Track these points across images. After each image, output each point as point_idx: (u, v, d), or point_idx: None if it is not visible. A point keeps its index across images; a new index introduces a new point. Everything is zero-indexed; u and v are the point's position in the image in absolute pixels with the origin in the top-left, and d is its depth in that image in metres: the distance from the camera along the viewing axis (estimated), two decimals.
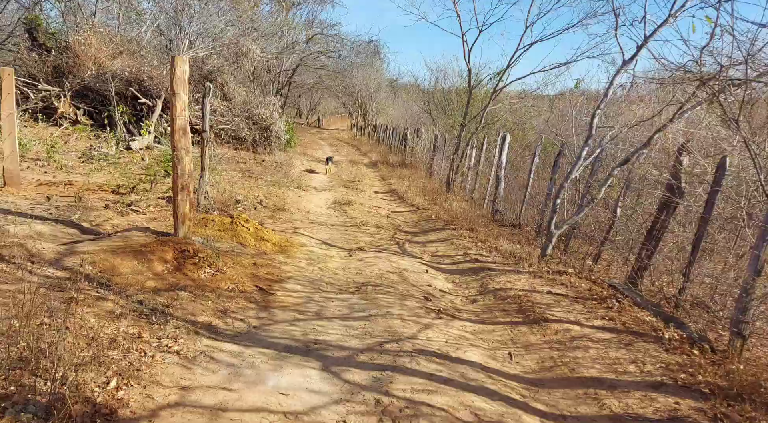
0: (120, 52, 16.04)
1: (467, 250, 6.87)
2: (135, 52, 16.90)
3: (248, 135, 17.08)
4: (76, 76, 14.66)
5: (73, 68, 14.83)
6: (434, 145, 15.78)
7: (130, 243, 4.95)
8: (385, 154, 23.99)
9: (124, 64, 14.84)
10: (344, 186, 13.48)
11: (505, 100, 13.99)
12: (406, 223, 9.07)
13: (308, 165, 17.98)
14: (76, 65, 14.82)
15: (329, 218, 8.68)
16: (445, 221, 8.88)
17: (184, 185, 5.38)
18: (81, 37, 15.23)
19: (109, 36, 16.14)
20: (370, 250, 6.69)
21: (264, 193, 9.83)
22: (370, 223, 8.52)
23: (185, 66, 5.30)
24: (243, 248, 5.78)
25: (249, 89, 19.35)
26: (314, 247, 6.56)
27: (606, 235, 6.01)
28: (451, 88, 20.17)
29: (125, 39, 17.71)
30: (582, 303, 4.78)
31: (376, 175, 16.97)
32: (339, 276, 5.44)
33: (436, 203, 10.99)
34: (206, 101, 7.02)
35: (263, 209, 8.39)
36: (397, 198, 12.33)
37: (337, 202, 10.41)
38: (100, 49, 15.15)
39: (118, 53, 15.86)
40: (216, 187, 8.94)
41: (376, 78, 37.27)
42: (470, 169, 12.28)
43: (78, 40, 15.14)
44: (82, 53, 15.10)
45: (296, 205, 9.37)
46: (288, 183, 11.95)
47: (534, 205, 8.79)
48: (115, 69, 14.56)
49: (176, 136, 5.27)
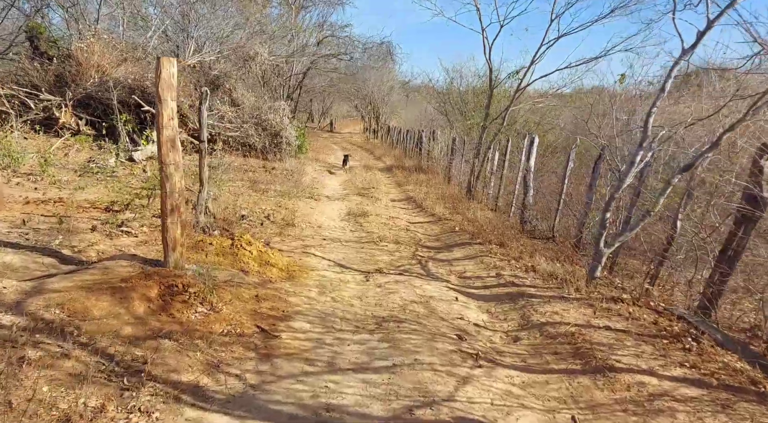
0: (124, 58, 15.51)
1: (500, 270, 6.03)
2: (141, 58, 16.38)
3: (257, 142, 16.44)
4: (78, 85, 14.17)
5: (76, 77, 14.33)
6: (452, 148, 14.94)
7: (109, 276, 4.22)
8: (400, 158, 23.20)
9: (128, 72, 14.28)
10: (358, 194, 12.72)
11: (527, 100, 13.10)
12: (427, 236, 8.26)
13: (321, 171, 17.27)
14: (79, 73, 14.31)
15: (343, 233, 7.90)
16: (471, 234, 8.05)
17: (175, 206, 4.65)
18: (84, 45, 14.75)
19: (113, 43, 15.63)
20: (390, 273, 5.89)
21: (272, 206, 9.10)
22: (387, 237, 7.73)
23: (173, 68, 4.57)
24: (244, 276, 5.02)
25: (258, 94, 18.74)
26: (326, 270, 5.79)
27: (664, 253, 5.14)
28: (467, 88, 19.32)
29: (130, 45, 17.22)
30: (651, 342, 3.92)
31: (392, 181, 16.18)
32: (355, 308, 4.65)
33: (458, 212, 10.15)
34: (203, 108, 6.30)
35: (270, 225, 7.65)
36: (415, 206, 11.52)
37: (351, 213, 9.64)
38: (103, 57, 14.62)
39: (122, 60, 15.33)
40: (219, 201, 8.23)
41: (389, 80, 36.52)
42: (493, 174, 11.42)
43: (80, 48, 14.63)
44: (85, 61, 14.57)
45: (307, 219, 8.62)
46: (299, 193, 11.22)
47: (568, 214, 7.92)
48: (118, 76, 14.01)
49: (164, 150, 4.54)
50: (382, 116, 39.01)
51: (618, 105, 7.37)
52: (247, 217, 7.66)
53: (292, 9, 24.44)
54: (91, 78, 14.23)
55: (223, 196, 9.02)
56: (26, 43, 15.66)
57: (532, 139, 8.72)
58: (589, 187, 6.76)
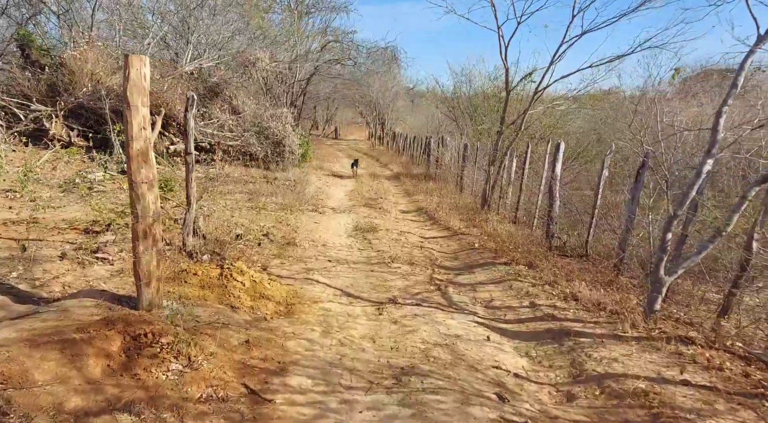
0: (120, 66, 14.86)
1: (534, 299, 5.18)
2: None
3: (259, 151, 15.71)
4: (70, 94, 13.52)
5: (69, 86, 13.69)
6: (463, 155, 14.12)
7: (65, 324, 3.41)
8: (407, 166, 22.41)
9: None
10: (366, 205, 11.91)
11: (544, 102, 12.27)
12: (443, 254, 7.42)
13: (326, 180, 16.50)
14: (72, 82, 13.65)
15: (350, 252, 7.08)
16: (493, 251, 7.21)
17: (148, 232, 3.85)
18: (77, 52, 14.11)
19: (108, 50, 15.00)
20: (406, 302, 5.06)
21: (272, 222, 8.30)
22: (400, 257, 6.90)
23: (144, 68, 3.79)
24: (234, 313, 4.21)
25: (259, 101, 18.04)
26: (332, 300, 4.96)
27: (737, 281, 4.27)
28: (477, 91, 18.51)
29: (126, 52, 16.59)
30: (750, 406, 3.06)
31: (400, 190, 15.37)
32: (367, 354, 3.81)
33: (474, 225, 9.31)
34: (189, 115, 5.53)
35: (269, 245, 6.84)
36: (427, 218, 10.69)
37: (358, 228, 8.83)
38: (97, 65, 13.96)
39: (117, 68, 14.68)
40: (213, 218, 7.45)
41: (394, 85, 35.84)
42: (511, 183, 10.58)
43: (73, 56, 13.99)
44: (78, 69, 13.90)
45: (311, 236, 7.81)
46: (301, 205, 10.43)
47: (604, 228, 7.06)
48: (112, 85, 13.33)
49: (133, 166, 3.75)
50: (387, 122, 38.31)
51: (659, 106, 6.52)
52: (243, 237, 6.86)
53: (294, 14, 23.81)
54: (84, 87, 13.55)
55: (218, 211, 8.24)
56: (17, 51, 15.08)
57: (557, 145, 7.89)
58: (631, 199, 5.90)
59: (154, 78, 14.35)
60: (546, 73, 9.78)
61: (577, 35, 9.28)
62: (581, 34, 9.14)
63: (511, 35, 11.46)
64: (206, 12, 16.74)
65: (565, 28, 9.34)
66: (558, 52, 9.59)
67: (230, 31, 16.80)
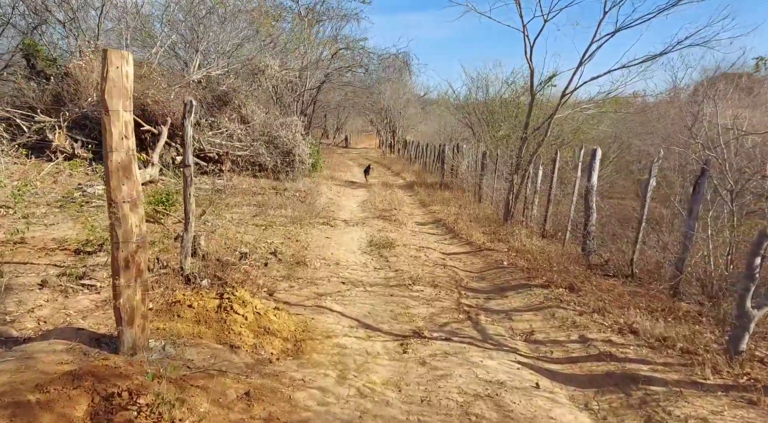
0: None
1: (584, 331, 4.45)
2: (146, 75, 15.33)
3: (268, 161, 15.16)
4: (75, 105, 13.11)
5: (74, 96, 13.29)
6: (482, 163, 13.43)
7: (22, 379, 2.78)
8: (420, 174, 21.77)
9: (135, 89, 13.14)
10: (380, 217, 11.26)
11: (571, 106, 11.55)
12: (469, 274, 6.72)
13: (337, 190, 15.90)
14: (78, 93, 13.25)
15: (366, 272, 6.41)
16: (525, 270, 6.49)
17: (131, 261, 3.22)
18: (83, 62, 13.74)
19: None
20: (433, 336, 4.37)
21: (281, 237, 7.67)
22: (421, 278, 6.21)
23: (127, 66, 3.19)
24: (233, 354, 3.55)
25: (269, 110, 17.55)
26: (347, 334, 4.29)
27: None
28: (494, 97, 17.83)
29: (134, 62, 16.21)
30: None
31: (415, 200, 14.69)
32: (392, 409, 3.13)
33: (499, 239, 8.60)
34: (188, 123, 4.92)
35: (277, 265, 6.19)
36: (446, 231, 9.99)
37: (373, 243, 8.16)
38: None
39: None
40: (216, 236, 6.84)
41: (405, 93, 35.31)
42: (536, 192, 9.86)
43: (79, 65, 13.62)
44: (84, 79, 13.49)
45: (322, 253, 7.15)
46: (312, 219, 9.80)
47: (648, 242, 6.31)
48: None
49: (113, 181, 3.14)
50: (398, 130, 37.74)
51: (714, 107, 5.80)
52: (249, 256, 6.22)
53: (304, 21, 23.39)
54: (90, 97, 13.13)
55: (223, 226, 7.64)
56: (23, 61, 14.75)
57: (593, 151, 7.17)
58: (688, 212, 5.17)
59: (160, 87, 13.91)
60: (574, 74, 9.09)
61: (610, 33, 8.60)
62: (614, 32, 8.45)
63: (537, 34, 10.51)
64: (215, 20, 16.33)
65: (596, 26, 8.66)
66: (587, 51, 8.90)
67: (239, 39, 16.34)
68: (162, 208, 7.24)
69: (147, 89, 13.13)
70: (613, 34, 8.49)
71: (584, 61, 9.02)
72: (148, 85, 13.47)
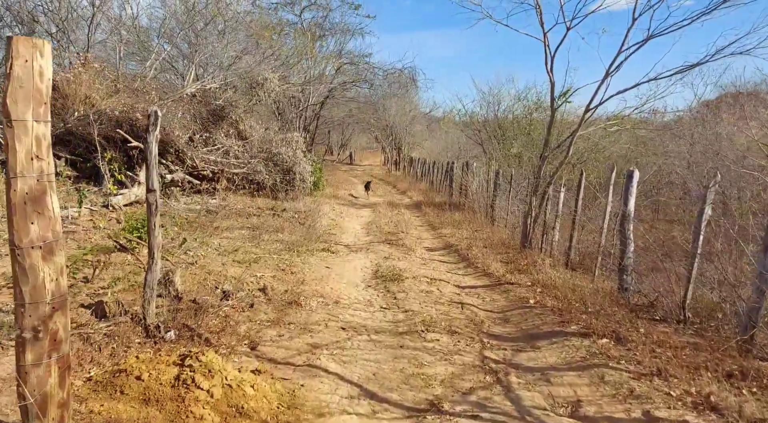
0: (117, 89, 13.75)
1: (647, 404, 3.47)
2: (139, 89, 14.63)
3: (267, 179, 14.32)
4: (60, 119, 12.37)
5: (61, 111, 12.56)
6: (495, 182, 12.54)
7: None
8: (428, 193, 20.89)
9: (117, 103, 12.40)
10: (386, 241, 10.33)
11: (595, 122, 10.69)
12: (490, 314, 5.75)
13: (340, 210, 15.01)
14: (65, 107, 12.51)
15: (371, 314, 5.47)
16: (556, 312, 5.52)
17: (43, 328, 2.31)
18: (70, 75, 13.04)
19: (105, 72, 13.91)
20: (456, 411, 3.41)
21: (273, 268, 6.75)
22: (436, 321, 5.26)
23: (42, 59, 2.31)
24: None
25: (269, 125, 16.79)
26: (346, 410, 3.33)
27: None
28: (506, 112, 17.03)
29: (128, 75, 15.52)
30: None
31: (423, 222, 13.77)
32: None
33: (519, 269, 7.65)
34: (152, 138, 4.06)
35: (265, 306, 5.26)
36: (459, 259, 9.05)
37: (379, 274, 7.23)
38: (92, 87, 12.84)
39: (115, 91, 13.56)
40: (196, 269, 5.92)
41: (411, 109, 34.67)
42: (558, 217, 8.93)
43: (66, 78, 12.92)
44: (72, 93, 12.75)
45: (320, 288, 6.22)
46: (311, 243, 8.89)
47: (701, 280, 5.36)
48: (104, 108, 12.14)
49: (16, 220, 2.24)
50: (404, 147, 37.03)
51: None
52: (233, 295, 5.29)
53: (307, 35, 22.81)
54: (77, 111, 12.36)
55: (208, 255, 6.73)
56: None
57: (629, 173, 6.26)
58: (763, 249, 4.23)
59: (152, 100, 13.16)
60: (599, 87, 8.23)
61: (640, 42, 7.75)
62: (645, 40, 7.61)
63: (558, 43, 9.46)
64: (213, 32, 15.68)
65: (624, 34, 7.83)
66: (614, 62, 8.06)
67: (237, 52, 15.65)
68: (136, 235, 6.34)
69: (136, 103, 12.37)
70: (644, 42, 7.65)
71: (611, 72, 8.17)
72: (137, 99, 12.71)
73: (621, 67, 8.13)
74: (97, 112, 12.17)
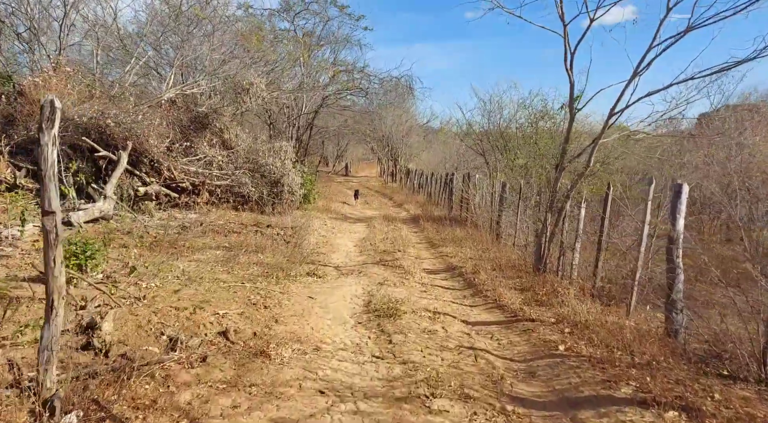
0: (91, 95, 12.64)
1: None
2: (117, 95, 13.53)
3: (253, 192, 13.17)
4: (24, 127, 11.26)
5: (28, 118, 11.46)
6: (501, 196, 11.42)
7: None
8: (426, 206, 19.75)
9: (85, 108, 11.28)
10: (380, 262, 9.17)
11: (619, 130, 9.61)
12: (510, 365, 4.57)
13: (332, 225, 13.85)
14: (33, 114, 11.40)
15: (360, 367, 4.28)
16: (595, 364, 4.35)
17: None
18: (40, 79, 11.95)
19: (77, 76, 12.82)
20: None
21: (243, 302, 5.56)
22: (443, 379, 4.08)
23: None
24: None
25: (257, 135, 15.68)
26: None
27: None
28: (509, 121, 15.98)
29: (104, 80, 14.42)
30: None
31: (422, 239, 12.61)
32: None
33: (538, 300, 6.48)
34: (47, 139, 2.90)
35: (222, 359, 4.06)
36: (465, 284, 7.89)
37: (371, 307, 6.05)
38: (63, 92, 11.74)
39: (88, 97, 12.46)
40: (141, 307, 4.73)
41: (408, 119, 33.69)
42: (578, 237, 7.79)
43: (35, 83, 11.83)
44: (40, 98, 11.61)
45: (298, 327, 5.04)
46: (295, 267, 7.72)
47: None
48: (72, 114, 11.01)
49: None
50: (401, 158, 35.98)
51: None
52: (183, 343, 4.11)
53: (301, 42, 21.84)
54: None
55: (163, 286, 5.54)
56: None
57: (677, 188, 5.14)
58: None
59: (125, 107, 12.04)
60: (626, 88, 7.16)
61: (675, 35, 6.70)
62: (684, 32, 6.54)
63: (580, 37, 8.23)
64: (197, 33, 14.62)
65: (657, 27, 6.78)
66: (644, 59, 7.00)
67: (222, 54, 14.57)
68: (73, 262, 5.16)
69: (107, 109, 11.24)
70: (683, 34, 6.58)
71: (639, 71, 7.10)
72: (106, 104, 11.60)
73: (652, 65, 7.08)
74: (63, 118, 11.04)
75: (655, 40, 6.87)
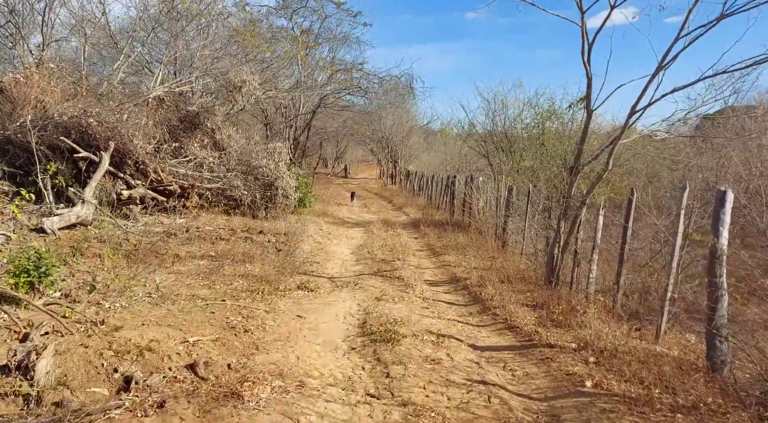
0: (76, 93, 11.98)
1: None
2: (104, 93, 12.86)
3: (245, 195, 12.50)
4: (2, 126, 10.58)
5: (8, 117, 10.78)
6: (507, 200, 10.74)
7: None
8: (426, 209, 19.05)
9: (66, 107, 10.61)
10: (378, 272, 8.50)
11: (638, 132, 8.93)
12: (528, 406, 3.88)
13: (329, 231, 13.18)
14: (13, 113, 10.72)
15: (351, 414, 3.59)
16: (632, 405, 3.67)
17: None
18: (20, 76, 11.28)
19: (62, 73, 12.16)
20: None
21: (220, 325, 4.88)
22: None
23: None
24: None
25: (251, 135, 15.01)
26: None
27: None
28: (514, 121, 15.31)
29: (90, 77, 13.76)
30: None
31: (423, 245, 11.93)
32: None
33: (554, 321, 5.79)
34: None
35: (184, 403, 3.38)
36: (470, 298, 7.21)
37: (367, 327, 5.37)
38: (46, 90, 11.06)
39: (72, 95, 11.79)
40: (96, 335, 4.05)
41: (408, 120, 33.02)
42: (596, 247, 7.11)
43: (16, 80, 11.15)
44: (23, 96, 10.97)
45: (282, 356, 4.36)
46: (285, 280, 7.04)
47: None
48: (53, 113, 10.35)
49: None
50: (400, 160, 35.31)
51: None
52: (138, 383, 3.43)
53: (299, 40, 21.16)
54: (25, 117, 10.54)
55: (130, 307, 4.86)
56: None
57: (721, 195, 4.46)
58: None
59: (109, 106, 11.37)
60: (650, 83, 6.49)
61: (706, 24, 6.03)
62: (717, 19, 5.88)
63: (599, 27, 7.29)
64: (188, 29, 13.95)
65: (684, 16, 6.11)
66: (669, 51, 6.32)
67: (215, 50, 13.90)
68: (24, 279, 4.48)
69: (89, 107, 10.57)
70: (715, 22, 5.92)
71: (664, 65, 6.44)
72: (91, 102, 10.93)
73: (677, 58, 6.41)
74: (43, 117, 10.39)
75: (683, 29, 6.20)
